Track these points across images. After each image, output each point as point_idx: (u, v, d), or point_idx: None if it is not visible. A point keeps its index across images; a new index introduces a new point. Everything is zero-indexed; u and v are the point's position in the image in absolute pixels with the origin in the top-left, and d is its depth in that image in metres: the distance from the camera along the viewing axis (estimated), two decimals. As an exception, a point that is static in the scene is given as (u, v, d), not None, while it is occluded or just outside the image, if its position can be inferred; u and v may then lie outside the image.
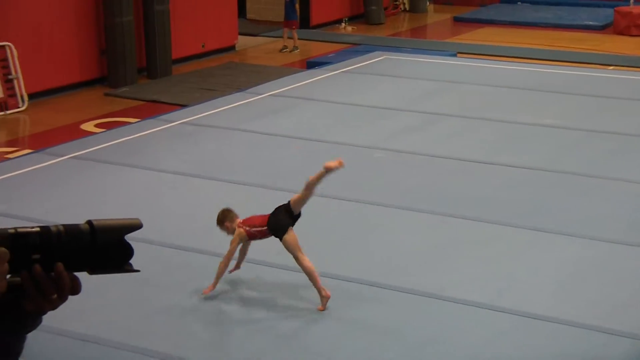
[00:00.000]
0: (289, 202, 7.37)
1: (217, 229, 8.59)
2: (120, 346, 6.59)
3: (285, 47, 17.96)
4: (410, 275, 7.65)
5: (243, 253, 7.56)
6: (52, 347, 6.45)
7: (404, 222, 8.85)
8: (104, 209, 9.00)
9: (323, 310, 7.10)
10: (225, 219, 7.40)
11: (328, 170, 7.37)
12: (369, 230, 8.64)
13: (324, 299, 7.11)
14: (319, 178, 7.38)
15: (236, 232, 7.31)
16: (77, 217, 8.70)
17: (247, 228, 7.29)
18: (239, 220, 7.40)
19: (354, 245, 8.31)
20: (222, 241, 8.23)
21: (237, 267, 7.57)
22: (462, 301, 7.18)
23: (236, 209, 9.15)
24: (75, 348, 6.57)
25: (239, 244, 7.32)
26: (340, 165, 7.40)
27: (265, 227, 7.28)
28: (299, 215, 7.37)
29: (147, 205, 9.20)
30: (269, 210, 7.44)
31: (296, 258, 7.15)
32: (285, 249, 7.21)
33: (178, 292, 7.42)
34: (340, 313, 7.08)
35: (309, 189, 7.37)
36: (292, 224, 7.28)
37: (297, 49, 17.89)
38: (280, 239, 7.24)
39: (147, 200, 9.38)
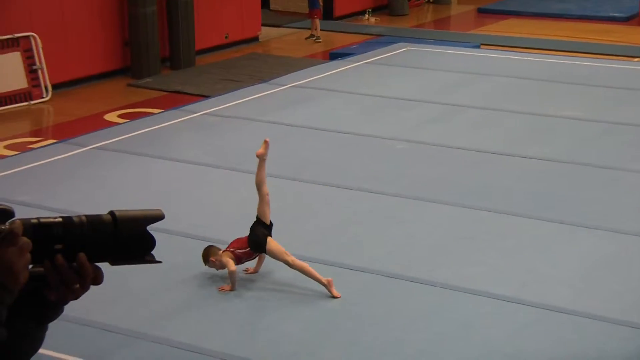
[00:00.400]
0: (257, 216, 7.37)
1: (240, 221, 8.63)
2: (141, 336, 6.63)
3: (312, 35, 18.05)
4: (432, 268, 7.64)
5: (260, 260, 7.57)
6: (73, 336, 6.49)
7: (426, 214, 8.83)
8: (127, 199, 9.04)
9: (339, 296, 7.11)
10: (208, 255, 7.43)
11: (260, 157, 7.43)
12: (391, 222, 8.63)
13: (328, 286, 7.14)
14: (259, 170, 7.45)
15: (224, 259, 7.30)
16: (100, 207, 8.76)
17: (232, 250, 7.32)
18: (221, 251, 7.40)
19: (376, 237, 8.31)
20: (244, 232, 8.26)
21: (255, 270, 7.59)
22: (485, 293, 7.17)
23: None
24: (97, 337, 6.61)
25: (235, 273, 7.28)
26: (267, 145, 7.44)
27: (247, 248, 7.34)
28: (271, 224, 7.41)
29: (169, 195, 9.23)
30: (293, 201, 7.45)
31: (286, 263, 7.21)
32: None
33: (199, 283, 7.45)
34: (360, 305, 7.08)
35: (259, 189, 7.40)
36: (269, 234, 7.32)
37: (316, 38, 17.90)
38: (265, 252, 7.27)
39: (170, 191, 9.41)
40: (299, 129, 11.55)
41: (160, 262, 1.87)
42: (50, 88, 13.69)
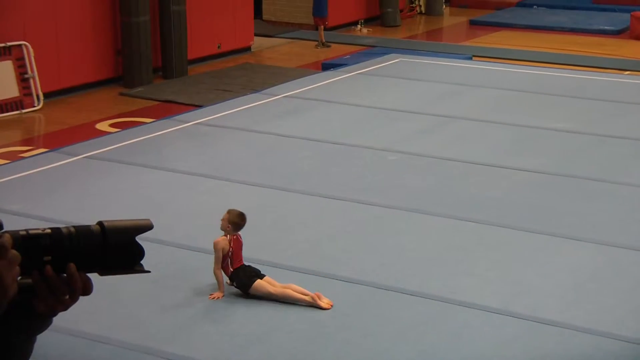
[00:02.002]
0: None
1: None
2: (131, 347, 6.61)
3: (321, 43, 18.24)
4: (423, 279, 7.64)
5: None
6: (62, 347, 6.47)
7: (417, 225, 8.84)
8: (118, 209, 9.03)
9: (330, 307, 7.12)
10: (232, 223, 7.41)
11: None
12: (382, 233, 8.64)
13: (316, 300, 7.15)
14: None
15: (223, 242, 7.31)
16: (92, 216, 8.76)
17: (231, 248, 7.31)
18: (235, 235, 7.40)
19: (367, 248, 8.31)
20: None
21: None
22: (474, 305, 7.17)
23: (250, 211, 9.18)
24: (86, 348, 6.59)
25: (219, 251, 7.30)
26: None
27: (229, 268, 7.37)
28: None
29: (160, 205, 9.23)
30: (285, 212, 7.44)
31: (269, 295, 7.24)
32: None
33: (190, 293, 7.44)
34: (352, 316, 7.08)
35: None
36: (258, 276, 7.36)
37: (318, 44, 18.11)
38: (243, 291, 7.37)
39: (161, 201, 9.40)
40: (290, 139, 11.56)
41: (149, 271, 1.87)
42: (42, 97, 13.68)
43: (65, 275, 1.74)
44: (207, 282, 7.55)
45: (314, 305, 7.18)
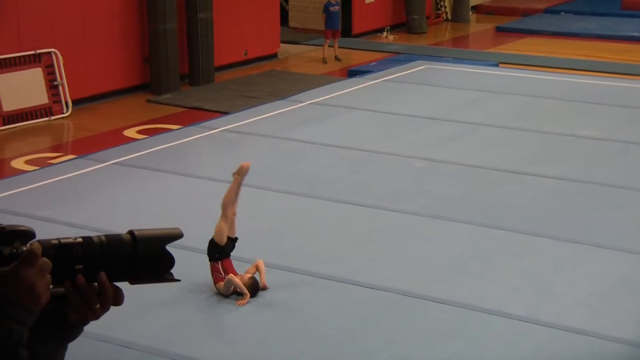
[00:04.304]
0: (212, 237, 7.57)
1: (257, 237, 8.65)
2: (160, 352, 6.65)
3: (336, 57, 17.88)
4: (449, 287, 7.63)
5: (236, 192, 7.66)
6: (91, 353, 6.52)
7: (443, 232, 8.82)
8: (145, 215, 9.08)
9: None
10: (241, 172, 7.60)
11: (235, 177, 7.61)
12: (408, 240, 8.63)
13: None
14: (230, 190, 7.53)
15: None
16: (119, 223, 8.84)
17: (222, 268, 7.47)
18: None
19: (393, 255, 8.31)
20: (262, 249, 8.29)
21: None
22: (500, 313, 7.15)
23: (276, 217, 9.21)
24: (115, 354, 6.64)
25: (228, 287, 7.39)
26: (244, 169, 7.70)
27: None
28: (235, 239, 7.60)
29: (188, 212, 9.27)
30: (311, 218, 7.44)
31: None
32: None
33: (218, 300, 7.47)
34: (377, 323, 7.08)
35: (224, 209, 7.61)
36: (220, 257, 7.51)
37: (323, 60, 17.81)
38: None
39: (188, 207, 9.45)
40: (316, 146, 11.58)
41: (179, 280, 1.90)
42: (70, 104, 13.80)
43: (96, 284, 1.77)
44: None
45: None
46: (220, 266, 7.51)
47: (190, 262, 7.89)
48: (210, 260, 7.55)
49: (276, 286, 7.67)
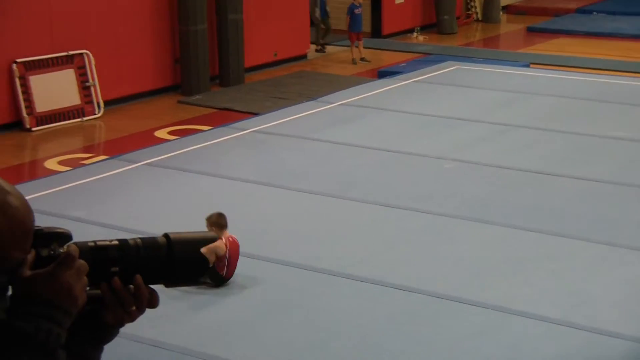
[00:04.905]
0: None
1: (287, 238, 8.67)
2: (192, 353, 6.68)
3: (362, 58, 17.79)
4: (481, 288, 7.59)
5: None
6: (123, 352, 6.56)
7: (475, 234, 8.78)
8: (176, 216, 9.12)
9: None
10: (215, 224, 7.60)
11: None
12: (439, 242, 8.60)
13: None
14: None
15: (218, 242, 7.46)
16: (151, 222, 8.85)
17: (227, 253, 7.46)
18: (228, 235, 7.58)
19: (424, 256, 8.28)
20: (292, 250, 8.31)
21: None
22: (532, 315, 7.11)
23: (305, 218, 9.22)
24: (147, 354, 6.68)
25: (213, 255, 7.36)
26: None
27: (224, 272, 7.51)
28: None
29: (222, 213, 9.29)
30: (341, 219, 7.43)
31: None
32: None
33: (250, 301, 7.49)
34: (408, 325, 7.06)
35: None
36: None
37: (360, 61, 17.71)
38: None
39: (219, 208, 9.45)
40: (346, 147, 11.57)
41: (213, 284, 1.91)
42: (102, 105, 13.90)
43: (132, 286, 1.78)
44: (265, 290, 7.59)
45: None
46: None
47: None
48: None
49: (307, 287, 7.67)
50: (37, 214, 1.80)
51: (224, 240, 7.57)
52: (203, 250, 1.85)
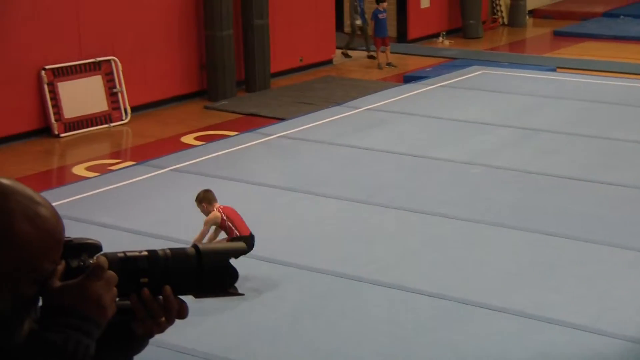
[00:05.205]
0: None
1: (313, 243, 8.67)
2: (217, 359, 6.68)
3: (389, 63, 17.71)
4: (508, 294, 7.55)
5: (211, 240, 7.90)
6: (148, 359, 6.57)
7: (501, 239, 8.74)
8: (202, 221, 9.13)
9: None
10: (204, 199, 7.90)
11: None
12: (465, 248, 8.57)
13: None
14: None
15: (212, 214, 7.66)
16: (177, 229, 8.88)
17: (225, 217, 7.55)
18: (218, 205, 7.85)
19: (450, 262, 8.25)
20: (319, 256, 8.31)
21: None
22: (560, 322, 7.05)
23: (332, 223, 9.22)
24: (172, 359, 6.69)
25: (210, 226, 7.71)
26: None
27: (237, 234, 7.70)
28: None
29: (244, 218, 9.30)
30: (367, 225, 7.44)
31: None
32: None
33: (274, 307, 7.49)
34: (435, 331, 7.03)
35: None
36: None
37: (386, 66, 17.61)
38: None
39: (245, 213, 9.48)
40: (372, 152, 11.55)
41: (242, 294, 1.91)
42: (129, 110, 13.97)
43: (161, 297, 1.78)
44: (293, 296, 7.59)
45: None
46: None
47: (245, 267, 7.92)
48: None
49: (333, 293, 7.67)
50: (65, 219, 1.80)
51: (216, 210, 7.82)
52: (205, 221, 1.87)
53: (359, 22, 18.27)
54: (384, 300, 7.53)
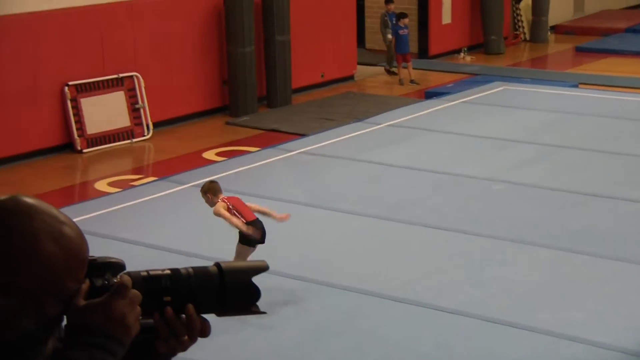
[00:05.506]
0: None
1: (334, 260, 8.66)
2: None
3: (412, 80, 17.64)
4: (529, 312, 7.50)
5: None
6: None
7: (523, 256, 8.69)
8: (224, 237, 9.14)
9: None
10: (209, 190, 8.02)
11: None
12: (488, 264, 8.53)
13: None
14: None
15: (218, 204, 7.86)
16: (198, 244, 8.91)
17: (230, 207, 7.64)
18: (223, 196, 7.97)
19: (473, 279, 8.21)
20: (340, 273, 8.29)
21: None
22: (584, 340, 7.00)
23: (353, 240, 9.20)
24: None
25: (223, 211, 7.83)
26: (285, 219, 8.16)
27: (240, 217, 7.83)
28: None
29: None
30: (388, 241, 7.43)
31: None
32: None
33: (296, 323, 7.48)
34: (457, 349, 6.99)
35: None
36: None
37: (402, 82, 17.53)
38: (242, 243, 7.86)
39: (266, 229, 9.49)
40: (394, 168, 11.54)
41: (264, 313, 1.91)
42: (151, 126, 14.05)
43: (184, 316, 1.79)
44: (314, 312, 7.58)
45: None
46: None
47: (266, 283, 7.92)
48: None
49: (355, 310, 7.65)
50: (87, 235, 1.81)
51: (220, 201, 7.94)
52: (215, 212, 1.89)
53: (390, 36, 18.23)
54: (406, 317, 7.50)
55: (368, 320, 7.50)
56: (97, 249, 1.88)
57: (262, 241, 7.97)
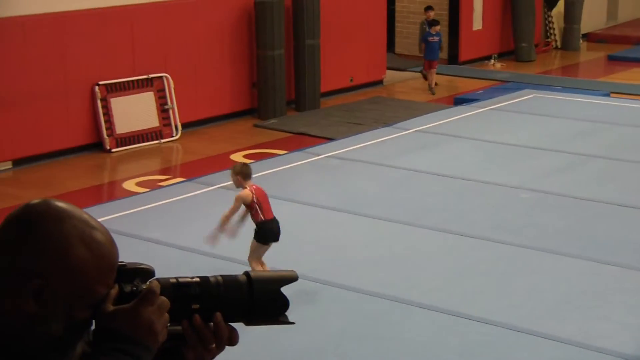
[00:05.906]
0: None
1: (359, 265, 8.65)
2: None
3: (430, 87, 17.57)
4: (555, 322, 7.45)
5: (242, 217, 8.10)
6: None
7: (550, 266, 8.63)
8: (250, 240, 9.16)
9: None
10: (240, 172, 8.05)
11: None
12: (513, 273, 8.48)
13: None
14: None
15: (244, 191, 7.88)
16: (225, 246, 8.90)
17: (255, 199, 7.63)
18: (252, 184, 7.96)
19: (498, 287, 8.17)
20: (365, 278, 8.28)
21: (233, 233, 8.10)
22: (611, 352, 6.94)
23: (378, 245, 9.18)
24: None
25: (240, 204, 7.86)
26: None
27: (262, 218, 7.89)
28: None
29: (290, 237, 9.31)
30: (414, 247, 7.40)
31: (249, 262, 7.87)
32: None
33: (321, 329, 7.47)
34: (479, 357, 6.95)
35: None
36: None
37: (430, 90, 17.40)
38: (257, 240, 7.96)
39: (291, 233, 9.49)
40: (421, 174, 11.51)
41: (293, 323, 1.90)
42: (179, 127, 14.10)
43: (212, 324, 1.78)
44: (338, 317, 7.57)
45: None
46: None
47: (291, 288, 7.91)
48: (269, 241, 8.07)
49: (379, 315, 7.63)
50: (114, 234, 1.82)
51: (249, 188, 7.96)
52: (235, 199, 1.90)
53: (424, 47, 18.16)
54: (429, 324, 7.48)
55: (392, 326, 7.48)
56: (124, 249, 1.88)
57: (275, 239, 8.02)
